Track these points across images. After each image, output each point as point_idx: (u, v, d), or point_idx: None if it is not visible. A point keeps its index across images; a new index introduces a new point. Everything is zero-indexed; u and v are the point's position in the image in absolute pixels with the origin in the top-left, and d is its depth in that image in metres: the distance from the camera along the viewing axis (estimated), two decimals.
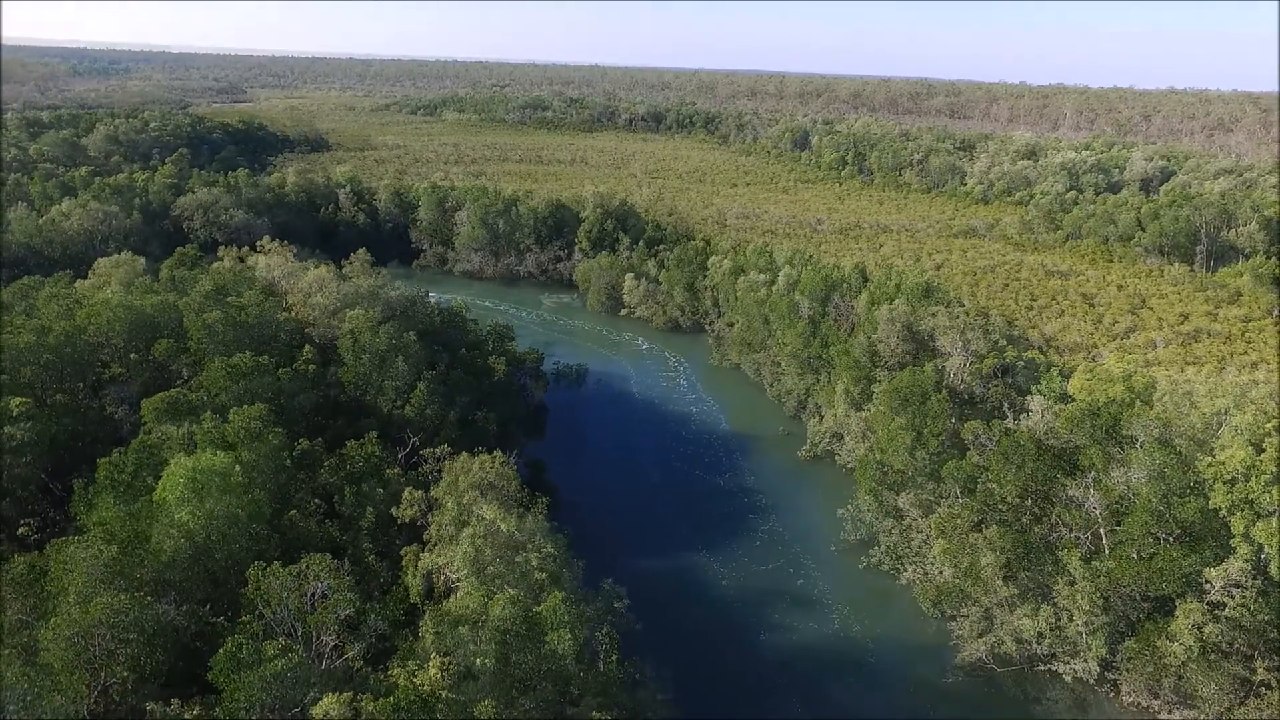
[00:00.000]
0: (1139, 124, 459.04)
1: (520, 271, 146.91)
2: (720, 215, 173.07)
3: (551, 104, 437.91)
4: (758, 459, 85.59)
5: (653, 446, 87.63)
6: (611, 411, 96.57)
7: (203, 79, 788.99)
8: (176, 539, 40.49)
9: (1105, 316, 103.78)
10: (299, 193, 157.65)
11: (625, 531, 69.93)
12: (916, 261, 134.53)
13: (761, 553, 68.06)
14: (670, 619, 57.34)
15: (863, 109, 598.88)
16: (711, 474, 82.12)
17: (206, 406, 52.94)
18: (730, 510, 75.32)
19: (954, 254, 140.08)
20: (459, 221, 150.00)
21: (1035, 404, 66.20)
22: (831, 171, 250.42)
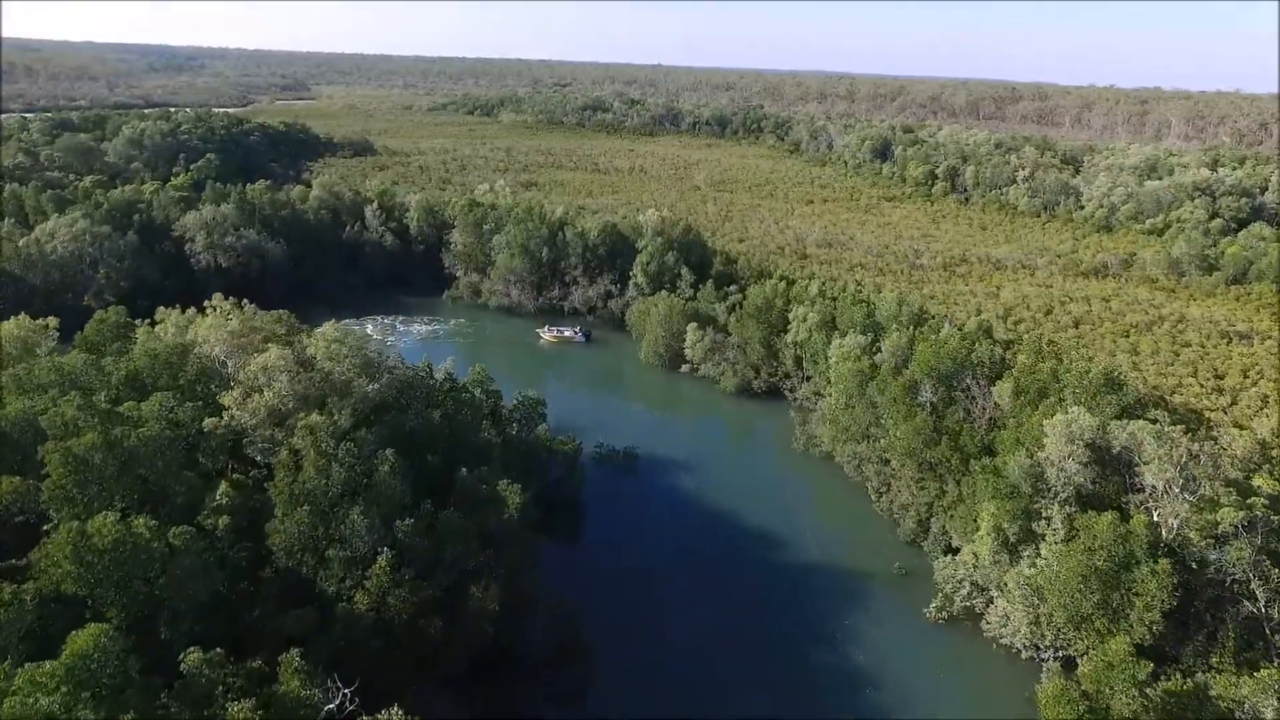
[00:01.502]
0: (1257, 133, 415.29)
1: (565, 307, 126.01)
2: (798, 241, 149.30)
3: (612, 105, 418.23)
4: (866, 610, 62.54)
5: (719, 575, 65.41)
6: (667, 516, 74.48)
7: (270, 75, 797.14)
8: None
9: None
10: (321, 208, 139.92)
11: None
12: (1048, 314, 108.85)
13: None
14: None
15: (941, 113, 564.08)
16: (802, 628, 59.57)
17: (25, 618, 32.97)
18: (837, 700, 52.69)
19: (1094, 303, 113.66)
20: (497, 246, 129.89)
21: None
22: (920, 187, 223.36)
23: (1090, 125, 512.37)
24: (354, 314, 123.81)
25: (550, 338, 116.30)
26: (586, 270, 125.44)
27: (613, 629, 55.97)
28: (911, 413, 72.93)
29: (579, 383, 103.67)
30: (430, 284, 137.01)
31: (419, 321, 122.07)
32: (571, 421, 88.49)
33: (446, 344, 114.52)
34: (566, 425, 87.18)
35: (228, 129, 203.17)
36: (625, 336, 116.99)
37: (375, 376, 57.10)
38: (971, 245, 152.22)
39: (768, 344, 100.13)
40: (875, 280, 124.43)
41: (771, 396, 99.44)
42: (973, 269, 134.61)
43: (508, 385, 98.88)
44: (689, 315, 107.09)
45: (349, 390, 53.44)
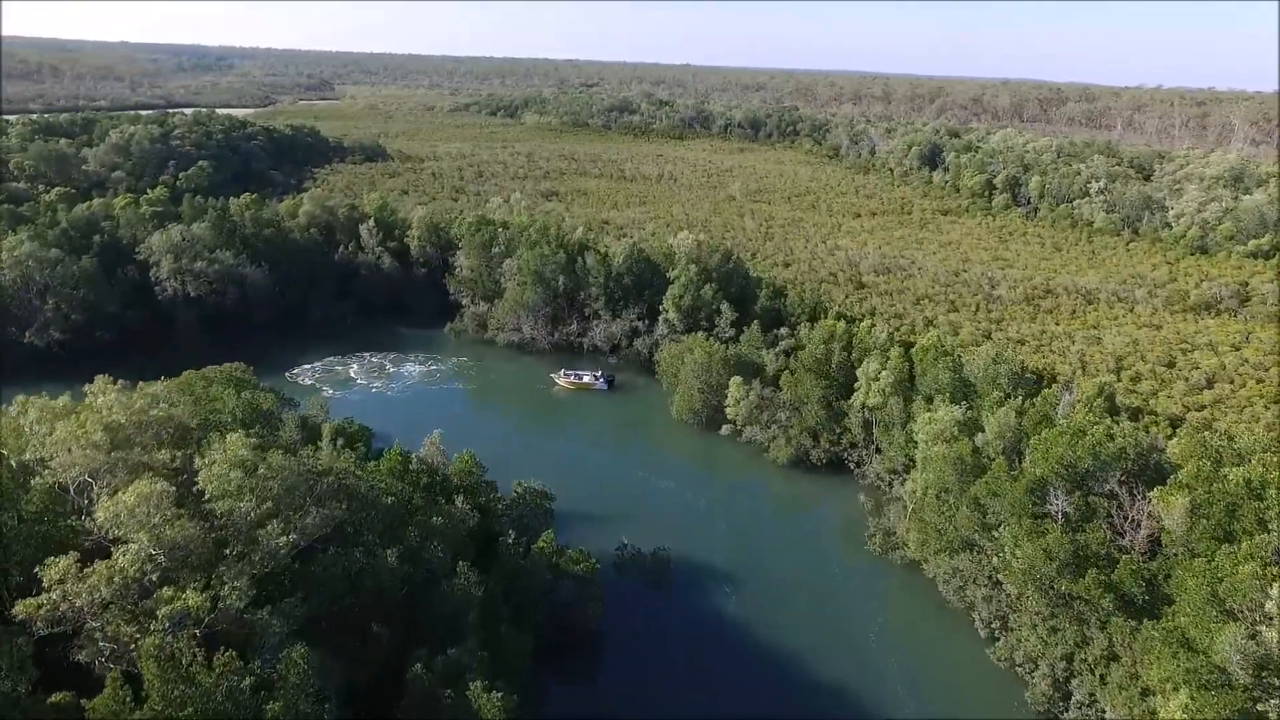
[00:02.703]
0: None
1: (584, 345, 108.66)
2: (852, 266, 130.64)
3: (639, 107, 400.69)
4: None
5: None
6: (708, 652, 56.67)
7: (297, 75, 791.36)
8: None
9: None
10: (311, 226, 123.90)
11: None
12: (1171, 367, 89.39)
13: None
14: None
15: (984, 115, 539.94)
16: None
17: None
18: None
19: (1223, 353, 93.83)
20: (508, 272, 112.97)
21: None
22: (977, 199, 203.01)
23: (1144, 129, 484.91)
24: (341, 350, 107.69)
25: (566, 383, 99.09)
26: (609, 302, 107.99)
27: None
28: (1039, 528, 54.49)
29: (598, 445, 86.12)
30: (432, 313, 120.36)
31: (414, 360, 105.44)
32: (587, 504, 71.44)
33: (444, 388, 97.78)
34: (580, 511, 70.00)
35: (226, 133, 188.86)
36: (653, 383, 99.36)
37: (308, 507, 39.82)
38: (1052, 271, 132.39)
39: (828, 404, 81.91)
40: (949, 318, 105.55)
41: (834, 469, 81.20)
42: (1060, 302, 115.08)
43: (512, 445, 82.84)
44: (731, 365, 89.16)
45: (254, 542, 36.27)
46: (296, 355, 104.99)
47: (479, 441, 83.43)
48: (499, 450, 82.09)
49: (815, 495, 77.92)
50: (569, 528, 67.55)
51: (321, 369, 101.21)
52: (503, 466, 78.27)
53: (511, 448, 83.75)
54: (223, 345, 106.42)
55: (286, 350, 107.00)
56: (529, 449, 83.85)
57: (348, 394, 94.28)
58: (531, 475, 76.99)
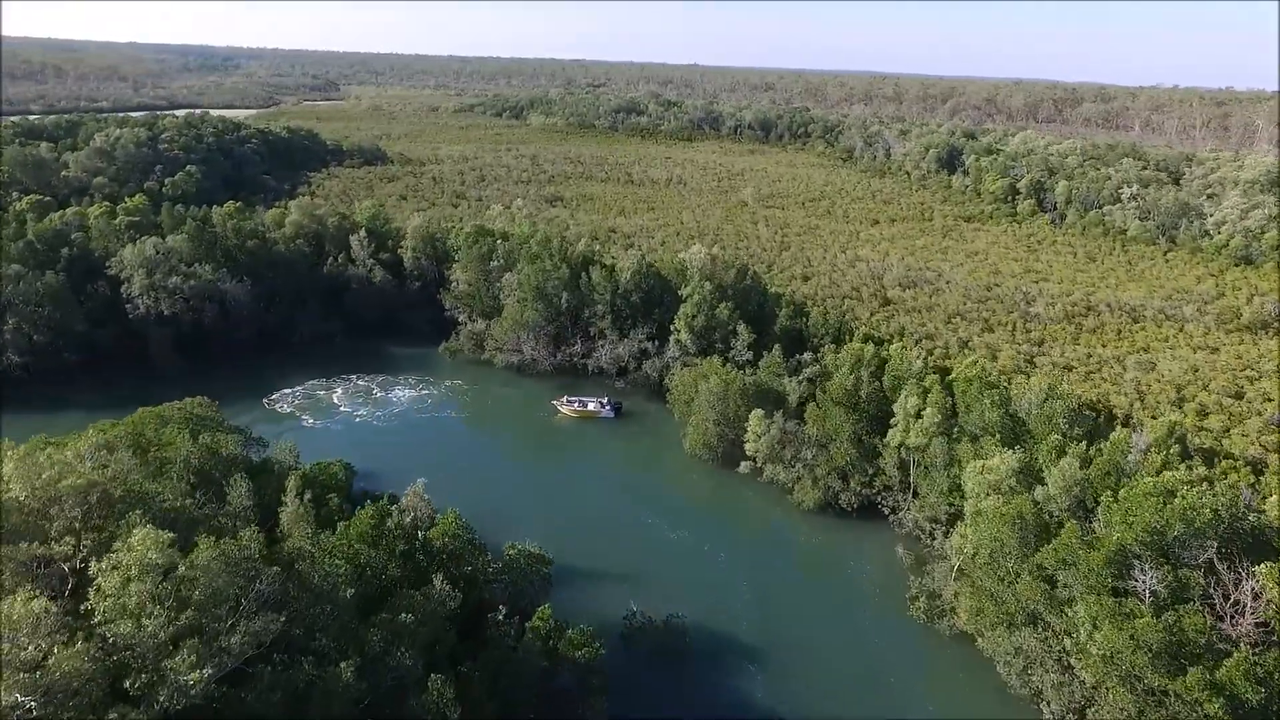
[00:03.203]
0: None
1: (588, 366, 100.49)
2: (875, 279, 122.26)
3: (647, 107, 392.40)
4: None
5: None
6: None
7: (303, 75, 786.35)
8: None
9: None
10: (298, 236, 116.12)
11: None
12: (1239, 398, 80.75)
13: None
14: None
15: (998, 116, 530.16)
16: None
17: None
18: None
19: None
20: (507, 287, 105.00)
21: None
22: (1001, 205, 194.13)
23: (1163, 129, 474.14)
24: (326, 371, 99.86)
25: (569, 411, 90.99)
26: (616, 321, 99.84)
27: None
28: (1122, 608, 46.12)
29: (603, 485, 77.88)
30: (427, 330, 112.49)
31: (404, 384, 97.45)
32: (590, 558, 63.49)
33: (435, 417, 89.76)
34: (583, 568, 62.02)
35: (218, 136, 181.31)
36: (664, 409, 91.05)
37: (239, 619, 31.73)
38: (1090, 286, 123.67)
39: (859, 441, 73.57)
40: (984, 339, 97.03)
41: (866, 515, 72.84)
42: (1103, 320, 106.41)
43: (508, 485, 74.24)
44: (750, 394, 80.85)
45: (161, 675, 28.21)
46: (278, 378, 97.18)
47: (471, 482, 75.87)
48: (493, 492, 74.47)
49: (847, 546, 69.54)
50: (570, 588, 59.56)
51: (303, 394, 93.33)
52: (497, 512, 70.72)
53: (507, 489, 75.78)
54: (200, 367, 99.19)
55: (268, 372, 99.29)
56: (526, 490, 75.81)
57: (329, 423, 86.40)
58: (528, 522, 69.51)
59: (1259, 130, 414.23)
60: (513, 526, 68.55)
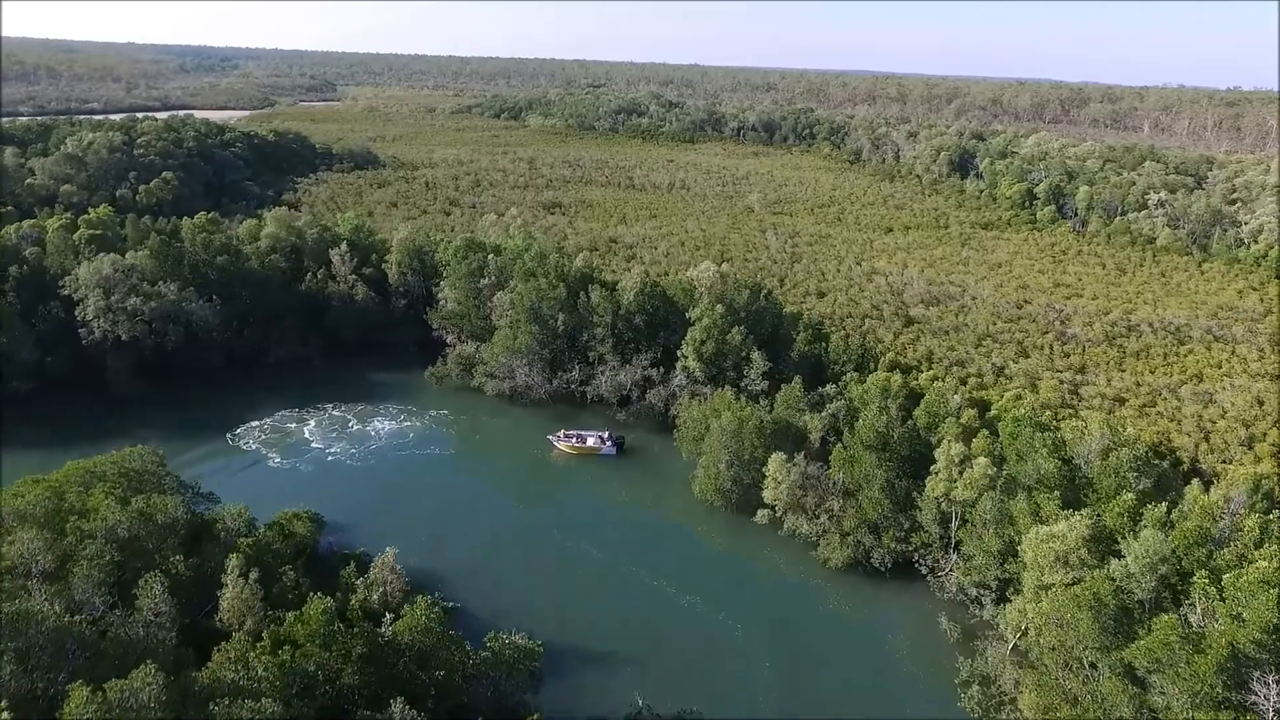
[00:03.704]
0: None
1: (587, 394, 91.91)
2: (895, 295, 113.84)
3: (648, 108, 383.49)
4: None
5: None
6: None
7: (300, 76, 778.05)
8: None
9: None
10: (274, 251, 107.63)
11: None
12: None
13: None
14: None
15: (1004, 117, 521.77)
16: None
17: None
18: None
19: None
20: (499, 307, 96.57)
21: None
22: (1020, 211, 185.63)
23: (1173, 130, 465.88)
24: (301, 400, 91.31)
25: (566, 447, 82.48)
26: (618, 345, 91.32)
27: None
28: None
29: (603, 538, 69.21)
30: (412, 352, 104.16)
31: (384, 415, 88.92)
32: (589, 633, 55.17)
33: (417, 454, 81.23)
34: (580, 648, 53.62)
35: (200, 140, 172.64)
36: (671, 443, 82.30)
37: None
38: (1126, 302, 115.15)
39: (892, 489, 65.05)
40: (1021, 366, 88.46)
41: (902, 574, 64.33)
42: (1147, 343, 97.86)
43: (494, 540, 64.89)
44: (767, 433, 72.32)
45: None
46: (246, 407, 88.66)
47: (453, 535, 67.31)
48: (477, 548, 66.07)
49: (882, 613, 61.00)
50: (564, 675, 51.08)
51: (271, 427, 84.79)
52: (480, 574, 62.41)
53: (493, 543, 67.31)
54: (162, 395, 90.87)
55: (237, 400, 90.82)
56: (516, 544, 67.33)
57: (299, 462, 77.86)
58: (516, 587, 61.16)
59: (1273, 131, 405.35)
60: (498, 593, 60.24)
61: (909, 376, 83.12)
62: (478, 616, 56.96)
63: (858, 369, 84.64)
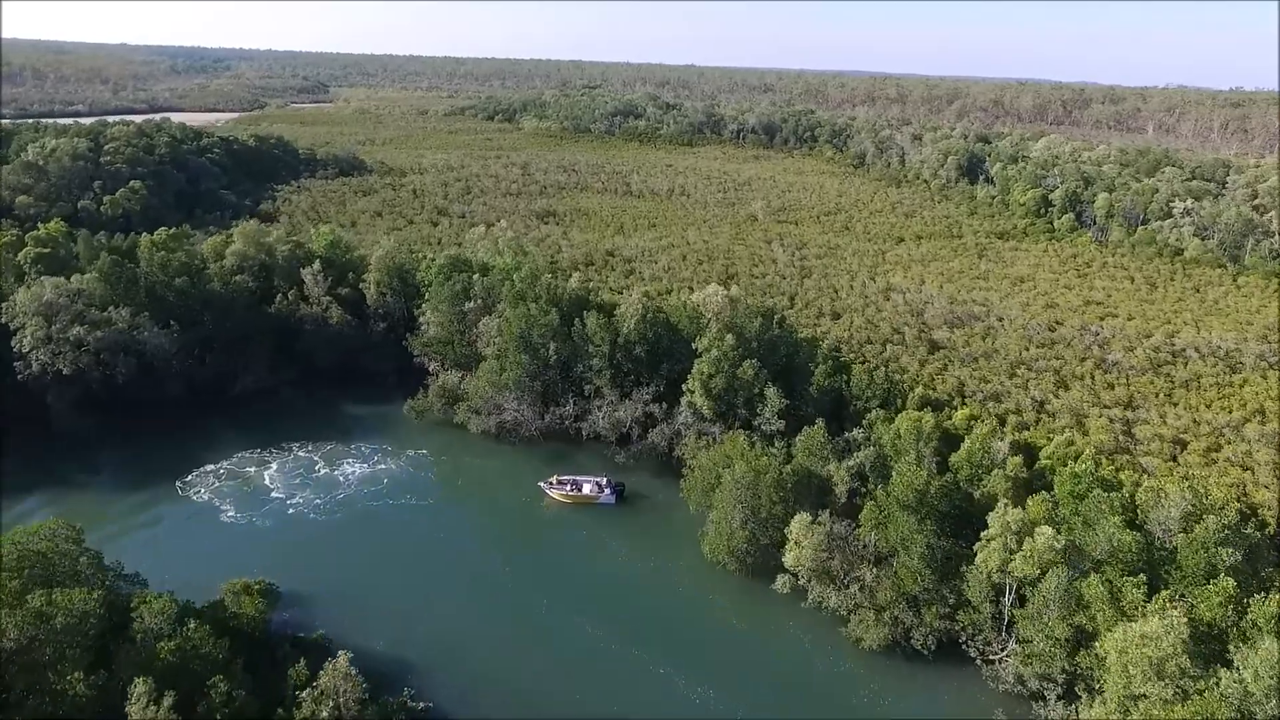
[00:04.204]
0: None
1: (582, 432, 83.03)
2: (915, 315, 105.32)
3: (645, 110, 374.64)
4: None
5: None
6: None
7: (293, 77, 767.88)
8: None
9: None
10: (240, 270, 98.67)
11: None
12: None
13: None
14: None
15: (1006, 118, 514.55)
16: None
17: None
18: None
19: None
20: (485, 334, 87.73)
21: None
22: (1036, 219, 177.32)
23: (1178, 131, 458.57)
24: (265, 437, 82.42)
25: (559, 496, 73.68)
26: (616, 377, 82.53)
27: None
28: None
29: (600, 606, 60.43)
30: (392, 381, 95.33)
31: (356, 455, 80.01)
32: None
33: (389, 505, 72.32)
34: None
35: (173, 146, 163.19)
36: (676, 488, 73.42)
37: None
38: (1164, 321, 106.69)
39: (933, 555, 56.32)
40: (1063, 400, 79.81)
41: (948, 655, 55.59)
42: (1196, 370, 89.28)
43: (473, 614, 52.49)
44: (788, 486, 63.59)
45: None
46: (204, 447, 79.75)
47: (428, 607, 58.47)
48: (455, 625, 57.15)
49: (926, 705, 52.27)
50: None
51: (228, 472, 75.82)
52: (458, 659, 53.53)
53: (473, 620, 58.47)
54: (109, 434, 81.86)
55: (194, 438, 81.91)
56: (500, 619, 58.53)
57: (255, 516, 68.91)
58: (501, 676, 52.37)
59: None
60: (478, 687, 51.41)
61: (940, 414, 74.57)
62: (453, 718, 48.26)
63: (883, 404, 76.02)
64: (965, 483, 62.77)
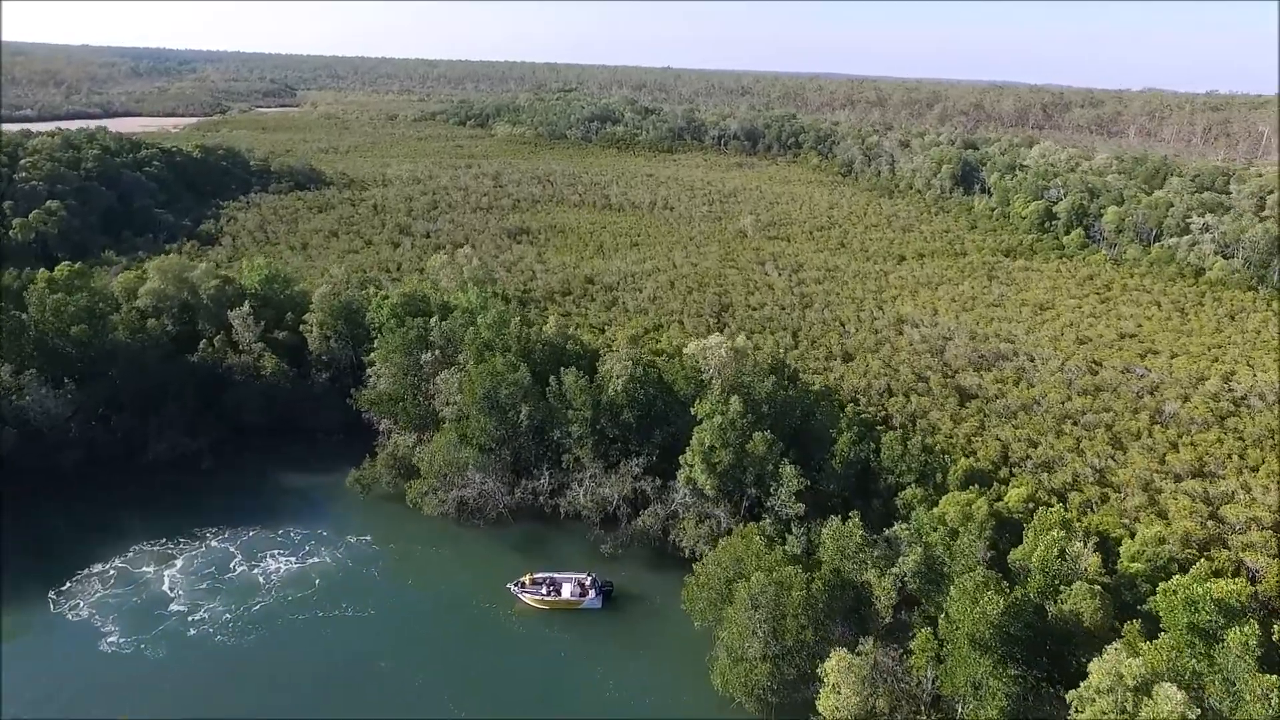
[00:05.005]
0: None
1: (560, 509, 69.57)
2: (935, 354, 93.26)
3: (623, 115, 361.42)
4: None
5: None
6: None
7: (259, 79, 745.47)
8: None
9: None
10: (158, 312, 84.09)
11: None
12: None
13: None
14: None
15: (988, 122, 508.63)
16: None
17: None
18: None
19: None
20: (445, 390, 74.05)
21: None
22: (1041, 234, 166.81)
23: (1160, 136, 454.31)
24: (172, 524, 67.97)
25: (534, 601, 60.31)
26: (600, 444, 69.30)
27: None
28: None
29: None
30: (337, 444, 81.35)
31: (284, 546, 66.00)
32: None
33: (320, 615, 58.48)
34: None
35: (103, 158, 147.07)
36: (674, 588, 60.41)
37: None
38: (1209, 357, 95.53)
39: (1021, 712, 43.67)
40: (1132, 473, 67.86)
41: None
42: (1268, 424, 77.70)
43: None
44: (816, 607, 50.69)
45: None
46: (96, 540, 65.35)
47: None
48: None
49: None
50: None
51: (119, 575, 61.49)
52: None
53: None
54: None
55: (86, 524, 67.52)
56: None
57: (144, 642, 54.68)
58: None
59: (1264, 137, 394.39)
60: None
61: (988, 491, 62.37)
62: None
63: (919, 479, 63.62)
64: (1036, 594, 50.41)
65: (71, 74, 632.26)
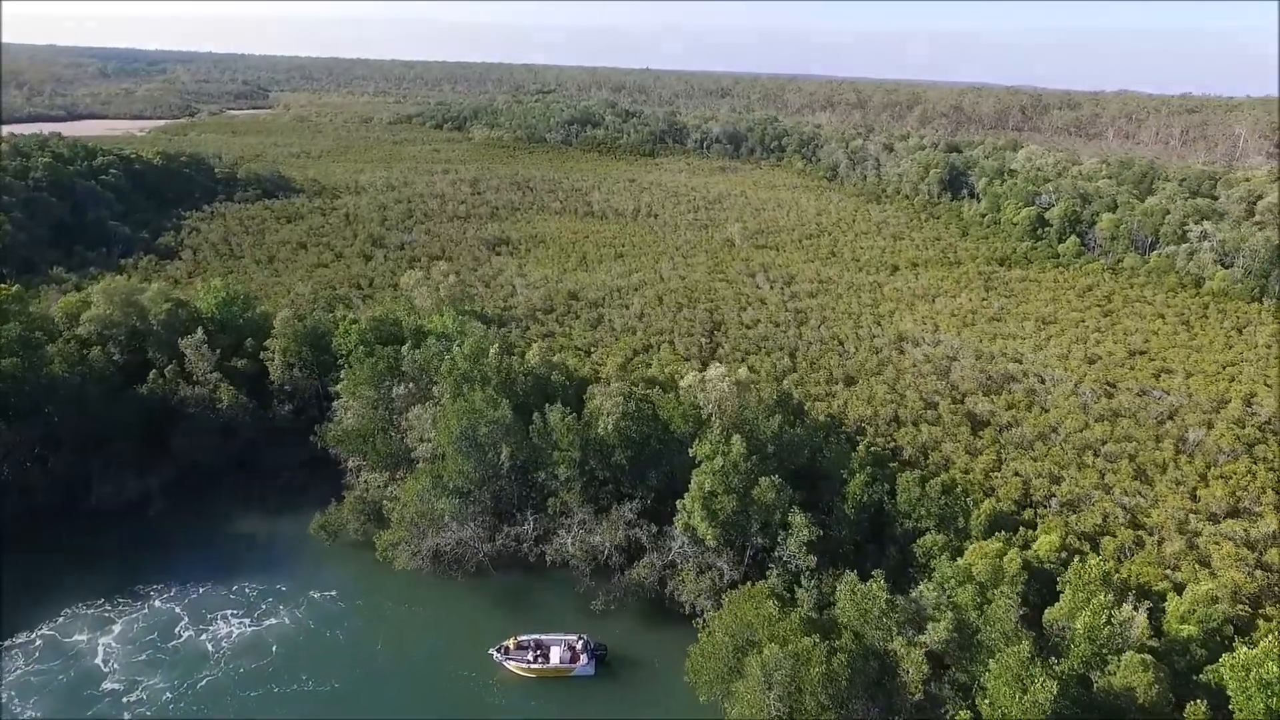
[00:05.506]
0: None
1: (545, 558, 63.38)
2: (941, 376, 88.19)
3: (603, 118, 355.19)
4: None
5: None
6: None
7: (231, 81, 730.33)
8: None
9: None
10: (103, 339, 76.84)
11: None
12: None
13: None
14: None
15: (968, 125, 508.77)
16: None
17: None
18: None
19: None
20: (418, 426, 67.65)
21: None
22: (1035, 242, 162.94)
23: (1139, 138, 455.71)
24: (112, 581, 61.00)
25: (518, 669, 54.15)
26: (589, 487, 63.25)
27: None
28: None
29: None
30: (301, 483, 74.59)
31: (238, 605, 59.26)
32: None
33: (275, 691, 51.86)
34: None
35: (55, 166, 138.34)
36: (673, 648, 54.58)
37: None
38: (1224, 376, 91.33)
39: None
40: (1165, 514, 63.02)
41: None
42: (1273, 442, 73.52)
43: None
44: (842, 679, 45.06)
45: None
46: (24, 600, 58.22)
47: None
48: None
49: None
50: None
51: (45, 646, 54.49)
52: None
53: None
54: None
55: (16, 581, 60.32)
56: None
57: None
58: None
59: (1242, 139, 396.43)
60: None
61: (1013, 535, 57.22)
62: None
63: (939, 524, 58.27)
64: (1081, 664, 45.18)
65: (34, 75, 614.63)
